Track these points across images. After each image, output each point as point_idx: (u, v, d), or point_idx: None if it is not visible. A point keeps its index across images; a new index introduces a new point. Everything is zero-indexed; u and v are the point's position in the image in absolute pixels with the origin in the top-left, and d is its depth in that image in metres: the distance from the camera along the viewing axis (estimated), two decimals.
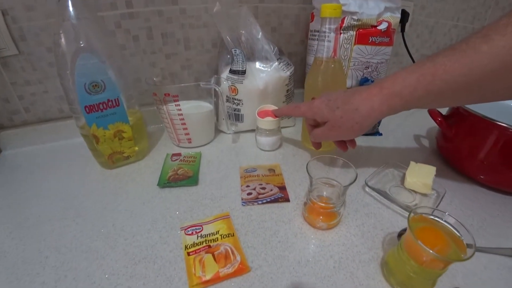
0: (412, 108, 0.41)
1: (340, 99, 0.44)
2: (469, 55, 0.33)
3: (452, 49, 0.35)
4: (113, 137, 0.53)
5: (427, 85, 0.37)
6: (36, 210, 0.47)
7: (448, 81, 0.35)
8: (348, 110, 0.43)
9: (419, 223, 0.33)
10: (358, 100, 0.42)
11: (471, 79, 0.34)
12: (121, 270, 0.37)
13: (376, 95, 0.41)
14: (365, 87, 0.43)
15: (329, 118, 0.45)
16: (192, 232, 0.41)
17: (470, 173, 0.54)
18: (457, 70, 0.34)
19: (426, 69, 0.37)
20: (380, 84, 0.41)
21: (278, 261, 0.38)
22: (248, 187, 0.50)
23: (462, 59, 0.34)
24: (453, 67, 0.34)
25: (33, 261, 0.39)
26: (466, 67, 0.34)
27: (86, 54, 0.46)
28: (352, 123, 0.43)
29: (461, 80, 0.34)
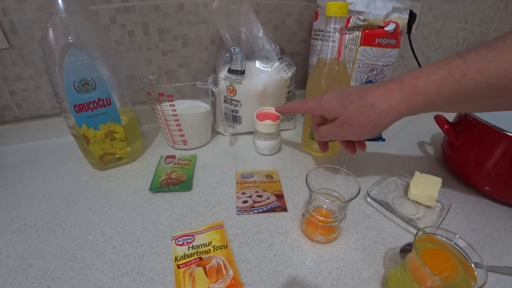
0: (434, 110, 0.37)
1: (354, 94, 0.40)
2: (506, 54, 0.30)
3: (487, 45, 0.31)
4: (104, 138, 0.50)
5: (455, 84, 0.33)
6: (23, 213, 0.45)
7: (480, 82, 0.31)
8: (363, 106, 0.38)
9: (426, 244, 0.31)
10: (374, 96, 0.38)
11: (507, 80, 0.30)
12: (107, 282, 0.35)
13: (396, 91, 0.37)
14: (383, 83, 0.39)
15: (340, 114, 0.41)
16: (183, 242, 0.39)
17: (476, 184, 0.52)
18: (491, 69, 0.30)
19: (455, 66, 0.32)
20: (401, 80, 0.37)
21: (273, 277, 0.35)
22: (244, 195, 0.48)
23: (498, 57, 0.30)
24: (487, 66, 0.30)
25: (16, 268, 0.37)
26: (502, 67, 0.30)
27: (76, 50, 0.43)
28: (366, 121, 0.39)
29: (495, 81, 0.31)
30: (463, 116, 0.54)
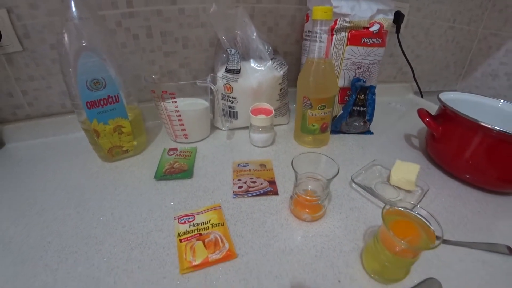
0: None
1: None
2: None
3: None
4: (113, 132, 0.55)
5: None
6: (39, 200, 0.50)
7: None
8: None
9: (394, 216, 0.36)
10: None
11: None
12: (118, 254, 0.40)
13: None
14: None
15: None
16: (185, 221, 0.44)
17: (456, 172, 0.56)
18: None
19: None
20: None
21: (264, 249, 0.40)
22: (240, 181, 0.53)
23: None
24: None
25: (36, 245, 0.42)
26: None
27: (88, 53, 0.48)
28: None
29: None
30: (443, 109, 0.58)
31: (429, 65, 1.02)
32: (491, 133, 0.49)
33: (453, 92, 0.65)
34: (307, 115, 0.60)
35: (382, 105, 0.86)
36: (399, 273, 0.36)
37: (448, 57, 1.03)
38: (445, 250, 0.41)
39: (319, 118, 0.60)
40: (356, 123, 0.69)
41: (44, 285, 0.36)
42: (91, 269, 0.38)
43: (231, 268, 0.38)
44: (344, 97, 0.70)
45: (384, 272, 0.36)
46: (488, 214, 0.48)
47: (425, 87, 1.02)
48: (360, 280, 0.37)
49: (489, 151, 0.50)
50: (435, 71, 1.06)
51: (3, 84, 0.65)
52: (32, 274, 0.37)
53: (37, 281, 0.36)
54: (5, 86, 0.65)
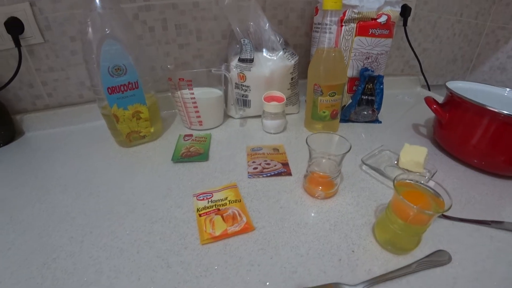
0: None
1: None
2: None
3: None
4: (132, 117, 0.58)
5: None
6: (61, 181, 0.53)
7: None
8: None
9: (404, 188, 0.37)
10: None
11: None
12: (140, 228, 0.42)
13: None
14: None
15: None
16: (203, 198, 0.46)
17: (463, 158, 0.57)
18: None
19: None
20: None
21: (280, 223, 0.42)
22: (254, 163, 0.55)
23: None
24: None
25: (61, 221, 0.44)
26: None
27: (111, 41, 0.51)
28: None
29: None
30: (450, 96, 0.59)
31: (436, 59, 1.04)
32: (498, 117, 0.50)
33: (460, 82, 0.67)
34: (318, 102, 0.61)
35: (390, 97, 0.87)
36: (411, 242, 0.38)
37: (455, 51, 1.05)
38: (454, 227, 0.42)
39: (330, 105, 0.61)
40: (365, 111, 0.71)
41: (70, 254, 0.38)
42: (114, 240, 0.40)
43: (250, 239, 0.40)
44: (353, 87, 0.72)
45: (396, 242, 0.38)
46: (496, 196, 0.49)
47: (432, 81, 1.03)
48: (373, 251, 0.38)
49: (496, 135, 0.51)
50: (442, 65, 1.07)
51: (24, 75, 0.67)
52: (59, 244, 0.40)
53: (64, 251, 0.39)
54: (26, 77, 0.68)
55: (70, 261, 0.37)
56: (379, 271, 0.36)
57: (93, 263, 0.37)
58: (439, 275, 0.36)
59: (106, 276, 0.35)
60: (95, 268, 0.36)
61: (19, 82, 0.68)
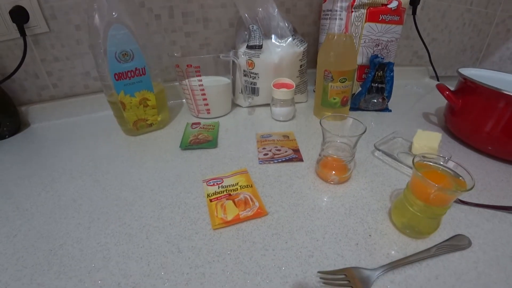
0: None
1: None
2: None
3: None
4: (139, 105, 0.57)
5: None
6: (67, 169, 0.52)
7: None
8: None
9: (423, 168, 0.36)
10: None
11: None
12: (149, 213, 0.41)
13: None
14: None
15: None
16: (213, 183, 0.45)
17: (477, 145, 0.56)
18: None
19: None
20: None
21: (294, 208, 0.41)
22: (265, 149, 0.54)
23: None
24: None
25: (68, 207, 0.43)
26: None
27: (118, 25, 0.50)
28: None
29: None
30: (463, 82, 0.58)
31: (445, 49, 1.02)
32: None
33: (472, 69, 0.65)
34: (328, 88, 0.60)
35: (399, 87, 0.86)
36: (430, 226, 0.36)
37: (464, 41, 1.03)
38: (471, 212, 0.41)
39: (340, 91, 0.60)
40: (375, 99, 0.69)
41: (78, 240, 0.37)
42: (123, 226, 0.39)
43: (263, 224, 0.38)
44: (363, 75, 0.71)
45: (415, 225, 0.36)
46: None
47: (441, 71, 1.02)
48: (391, 235, 0.37)
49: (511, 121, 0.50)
50: (451, 55, 1.05)
51: (29, 66, 0.67)
52: (65, 231, 0.38)
53: (70, 237, 0.37)
54: (32, 68, 0.67)
55: (77, 247, 0.36)
56: (398, 255, 0.34)
57: (101, 249, 0.36)
58: (459, 259, 0.34)
59: (115, 261, 0.34)
60: (103, 254, 0.35)
61: (24, 72, 0.67)
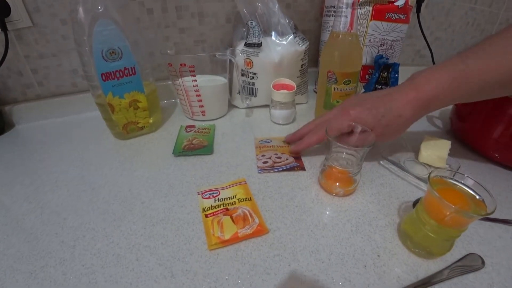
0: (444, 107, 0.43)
1: (381, 106, 0.43)
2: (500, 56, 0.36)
3: (483, 50, 0.38)
4: (128, 107, 0.53)
5: (461, 87, 0.39)
6: (52, 177, 0.48)
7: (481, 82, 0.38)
8: (393, 117, 0.42)
9: (438, 185, 0.33)
10: (399, 106, 0.42)
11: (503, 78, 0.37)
12: (139, 230, 0.37)
13: (415, 99, 0.41)
14: (398, 90, 0.43)
15: (375, 127, 0.43)
16: (209, 196, 0.41)
17: (485, 152, 0.53)
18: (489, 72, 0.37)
19: (460, 72, 0.39)
20: (415, 86, 0.41)
21: (296, 224, 0.38)
22: (264, 156, 0.50)
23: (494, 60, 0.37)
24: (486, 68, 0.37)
25: (51, 222, 0.39)
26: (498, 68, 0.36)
27: (104, 20, 0.46)
28: (397, 129, 0.43)
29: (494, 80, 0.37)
30: None
31: (448, 49, 0.99)
32: None
33: None
34: (332, 90, 0.57)
35: None
36: (443, 247, 0.34)
37: (467, 41, 1.00)
38: (482, 227, 0.39)
39: (344, 94, 0.57)
40: None
41: (61, 261, 0.34)
42: (110, 245, 0.35)
43: (264, 243, 0.35)
44: (366, 76, 0.68)
45: (427, 245, 0.34)
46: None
47: None
48: (401, 255, 0.34)
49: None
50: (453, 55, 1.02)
51: (12, 62, 0.62)
52: (48, 251, 0.35)
53: (53, 257, 0.34)
54: (15, 64, 0.63)
55: (60, 270, 0.32)
56: (409, 277, 0.32)
57: (86, 272, 0.32)
58: (473, 282, 0.32)
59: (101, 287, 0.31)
60: (88, 278, 0.32)
61: (7, 70, 0.63)
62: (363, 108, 0.44)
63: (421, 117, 0.43)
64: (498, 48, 0.37)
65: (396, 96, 0.43)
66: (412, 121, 0.43)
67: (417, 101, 0.41)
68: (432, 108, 0.42)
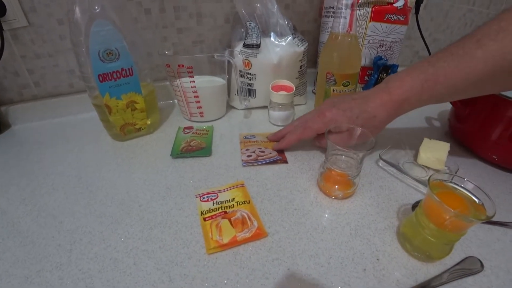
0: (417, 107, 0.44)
1: (356, 108, 0.45)
2: (466, 61, 0.36)
3: (451, 54, 0.38)
4: (126, 108, 0.52)
5: (430, 90, 0.40)
6: (48, 179, 0.47)
7: (449, 86, 0.38)
8: (367, 118, 0.44)
9: (438, 189, 0.33)
10: (374, 108, 0.44)
11: (469, 82, 0.37)
12: (136, 234, 0.37)
13: (389, 102, 0.43)
14: (373, 92, 0.45)
15: None
16: (207, 199, 0.41)
17: (483, 154, 0.53)
18: (456, 75, 0.37)
19: (429, 75, 0.39)
20: (388, 90, 0.43)
21: (295, 227, 0.38)
22: (248, 150, 0.53)
23: (460, 64, 0.37)
24: (453, 72, 0.37)
25: (47, 225, 0.39)
26: (463, 72, 0.37)
27: (101, 21, 0.45)
28: (371, 129, 0.44)
29: (460, 84, 0.38)
30: None
31: None
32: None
33: None
34: (330, 92, 0.57)
35: None
36: (442, 251, 0.34)
37: None
38: (481, 229, 0.39)
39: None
40: None
41: (57, 266, 0.33)
42: (107, 249, 0.35)
43: (262, 247, 0.35)
44: (365, 77, 0.67)
45: (426, 249, 0.34)
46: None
47: None
48: (400, 258, 0.34)
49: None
50: None
51: (8, 62, 0.61)
52: (44, 255, 0.35)
53: (49, 262, 0.34)
54: (11, 65, 0.62)
55: (57, 275, 0.32)
56: (409, 281, 0.32)
57: (83, 276, 0.32)
58: (472, 285, 0.32)
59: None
60: (85, 283, 0.31)
61: (3, 70, 0.62)
62: (339, 109, 0.46)
63: (395, 118, 0.45)
64: (464, 50, 0.37)
65: (371, 99, 0.44)
66: (386, 122, 0.45)
67: (391, 103, 0.43)
68: (405, 109, 0.43)
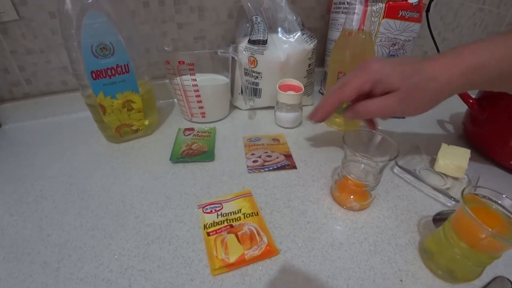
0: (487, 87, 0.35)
1: (409, 65, 0.35)
2: None
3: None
4: (122, 108, 0.48)
5: None
6: (37, 185, 0.44)
7: None
8: (424, 79, 0.34)
9: (471, 203, 0.30)
10: (434, 68, 0.34)
11: None
12: (132, 250, 0.33)
13: (455, 65, 0.33)
14: (436, 55, 0.35)
15: (401, 87, 0.35)
16: (211, 210, 0.37)
17: (502, 160, 0.50)
18: None
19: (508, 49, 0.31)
20: (458, 53, 0.34)
21: (309, 243, 0.34)
22: (253, 155, 0.49)
23: None
24: None
25: (34, 239, 0.35)
26: None
27: (94, 12, 0.41)
28: (427, 95, 0.35)
29: None
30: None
31: None
32: None
33: None
34: None
35: None
36: (472, 273, 0.30)
37: None
38: None
39: None
40: None
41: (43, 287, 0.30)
42: (99, 268, 0.32)
43: (274, 266, 0.32)
44: None
45: (454, 270, 0.30)
46: None
47: None
48: (424, 279, 0.31)
49: None
50: None
51: None
52: (28, 273, 0.31)
53: (34, 281, 0.30)
54: (1, 61, 0.58)
55: None
56: None
57: None
58: None
59: None
60: None
61: None
62: (388, 63, 0.37)
63: (457, 92, 0.35)
64: None
65: (430, 60, 0.35)
66: (448, 89, 0.34)
67: (458, 67, 0.33)
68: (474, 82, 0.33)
